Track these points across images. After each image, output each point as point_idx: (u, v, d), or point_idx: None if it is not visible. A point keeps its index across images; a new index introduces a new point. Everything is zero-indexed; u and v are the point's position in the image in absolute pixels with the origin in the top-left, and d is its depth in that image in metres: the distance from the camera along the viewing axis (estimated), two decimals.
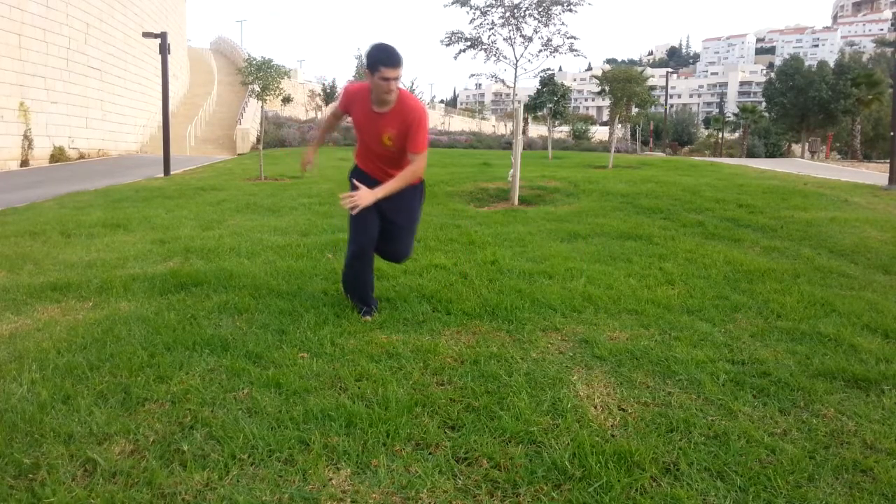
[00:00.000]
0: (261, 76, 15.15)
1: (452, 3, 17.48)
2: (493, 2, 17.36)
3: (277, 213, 7.89)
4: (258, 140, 19.19)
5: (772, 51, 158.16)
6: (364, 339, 3.28)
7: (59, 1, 19.19)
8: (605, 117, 66.86)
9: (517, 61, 17.70)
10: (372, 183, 3.45)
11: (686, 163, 18.57)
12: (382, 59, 3.18)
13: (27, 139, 17.49)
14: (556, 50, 17.91)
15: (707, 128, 58.80)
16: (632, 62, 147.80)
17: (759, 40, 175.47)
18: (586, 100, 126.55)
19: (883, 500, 1.98)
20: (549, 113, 24.44)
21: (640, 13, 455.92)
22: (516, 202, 8.71)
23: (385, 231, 3.61)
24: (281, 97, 25.43)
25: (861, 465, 2.16)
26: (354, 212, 3.24)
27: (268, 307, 3.79)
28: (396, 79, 3.23)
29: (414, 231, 3.80)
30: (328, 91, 36.17)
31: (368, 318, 3.57)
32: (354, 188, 3.50)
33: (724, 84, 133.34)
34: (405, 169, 3.37)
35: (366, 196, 3.22)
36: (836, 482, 2.06)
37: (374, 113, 3.37)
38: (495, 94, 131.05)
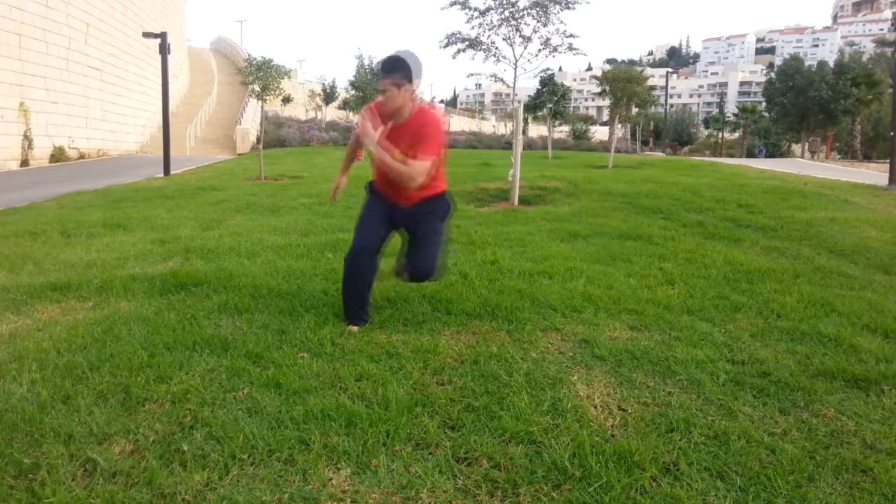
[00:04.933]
0: (261, 76, 15.18)
1: (451, 5, 17.50)
2: (492, 3, 17.38)
3: (277, 213, 7.89)
4: (258, 140, 19.19)
5: (772, 51, 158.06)
6: (364, 339, 3.28)
7: (59, 1, 19.19)
8: (605, 117, 66.82)
9: (516, 61, 17.73)
10: (389, 205, 3.45)
11: (686, 163, 18.59)
12: (380, 66, 3.13)
13: (27, 139, 17.49)
14: (555, 49, 17.94)
15: (707, 128, 58.83)
16: (632, 62, 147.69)
17: (759, 40, 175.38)
18: (586, 100, 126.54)
19: (883, 500, 1.98)
20: (549, 113, 24.41)
21: (640, 13, 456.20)
22: (516, 202, 8.71)
23: (410, 247, 3.54)
24: (281, 97, 25.45)
25: (861, 465, 2.15)
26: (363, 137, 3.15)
27: (268, 307, 3.79)
28: (394, 86, 3.12)
29: (438, 246, 3.55)
30: (328, 91, 36.13)
31: (354, 327, 3.44)
32: (371, 195, 3.52)
33: (724, 84, 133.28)
34: (409, 163, 3.20)
35: (370, 131, 3.15)
36: (836, 482, 2.06)
37: (394, 126, 3.26)
38: (495, 94, 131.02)
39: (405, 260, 3.60)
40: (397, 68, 3.14)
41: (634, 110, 40.40)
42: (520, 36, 17.49)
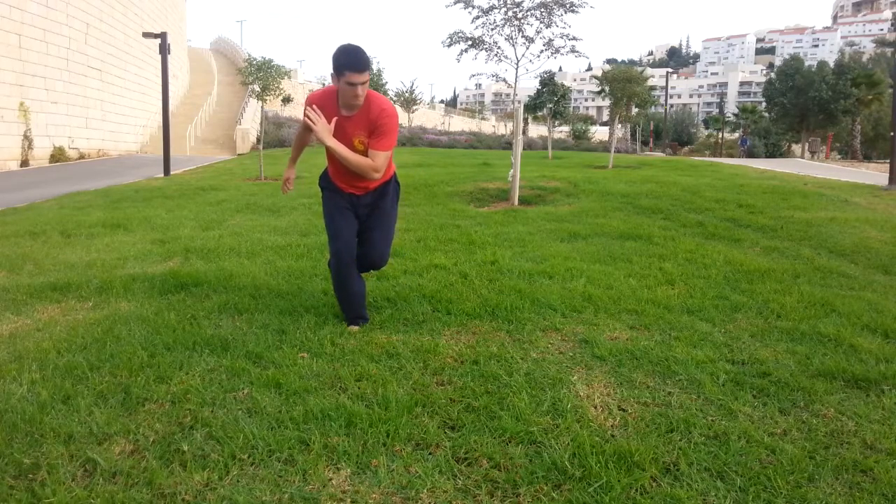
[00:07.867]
0: (261, 76, 15.19)
1: (455, 3, 17.50)
2: (496, 2, 17.39)
3: (277, 213, 7.89)
4: (258, 140, 19.19)
5: (772, 51, 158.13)
6: (364, 339, 3.28)
7: (59, 1, 19.19)
8: (605, 117, 66.85)
9: (518, 61, 17.73)
10: (348, 196, 3.46)
11: (686, 163, 18.58)
12: (348, 63, 3.05)
13: (27, 139, 17.49)
14: (557, 51, 17.94)
15: (707, 128, 58.83)
16: (632, 62, 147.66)
17: (759, 40, 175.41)
18: (586, 100, 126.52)
19: (883, 500, 1.98)
20: (549, 113, 24.44)
21: (640, 13, 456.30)
22: (516, 202, 8.71)
23: (360, 236, 3.54)
24: (281, 97, 25.43)
25: (861, 465, 2.15)
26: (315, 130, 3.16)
27: (268, 307, 3.79)
28: (364, 83, 3.10)
29: (391, 238, 3.63)
30: None
31: (354, 327, 3.44)
32: (329, 191, 3.52)
33: (724, 84, 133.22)
34: (371, 154, 3.23)
35: (323, 131, 3.15)
36: (836, 482, 2.06)
37: (343, 117, 3.24)
38: (495, 95, 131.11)
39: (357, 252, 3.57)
40: (368, 61, 3.12)
41: (634, 110, 40.44)
42: (522, 36, 17.49)
